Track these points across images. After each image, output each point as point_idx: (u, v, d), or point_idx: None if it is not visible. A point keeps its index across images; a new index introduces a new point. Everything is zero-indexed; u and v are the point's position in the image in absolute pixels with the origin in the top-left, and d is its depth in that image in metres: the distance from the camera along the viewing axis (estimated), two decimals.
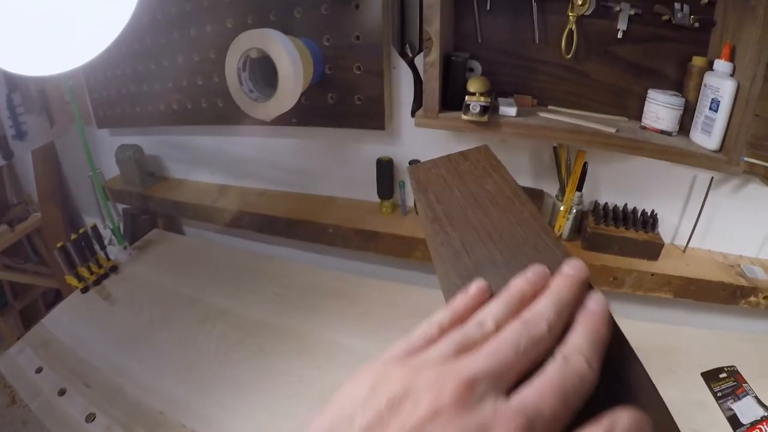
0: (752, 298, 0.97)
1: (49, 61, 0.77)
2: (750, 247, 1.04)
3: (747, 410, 0.81)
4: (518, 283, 0.32)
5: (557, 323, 0.29)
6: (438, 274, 0.38)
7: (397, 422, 0.24)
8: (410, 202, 1.22)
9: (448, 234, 0.39)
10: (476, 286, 0.33)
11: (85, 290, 1.18)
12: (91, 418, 0.87)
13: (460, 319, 0.31)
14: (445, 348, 0.28)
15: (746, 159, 0.83)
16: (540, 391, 0.25)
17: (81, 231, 1.19)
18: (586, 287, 0.31)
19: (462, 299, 0.32)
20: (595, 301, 0.30)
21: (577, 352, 0.27)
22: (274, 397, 0.89)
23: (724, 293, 0.98)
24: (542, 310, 0.29)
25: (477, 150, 0.48)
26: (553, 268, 0.33)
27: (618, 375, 0.28)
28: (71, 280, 1.17)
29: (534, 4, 0.90)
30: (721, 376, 0.87)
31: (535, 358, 0.27)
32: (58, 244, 1.14)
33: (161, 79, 1.32)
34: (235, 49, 0.99)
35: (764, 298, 0.96)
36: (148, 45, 1.28)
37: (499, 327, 0.29)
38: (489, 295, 0.33)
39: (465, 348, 0.28)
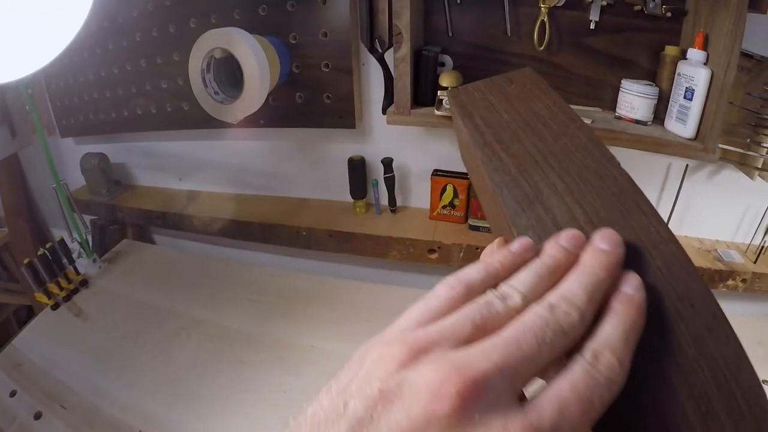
0: (730, 282, 0.98)
1: (3, 68, 0.73)
2: (725, 231, 1.05)
3: None
4: (553, 250, 0.27)
5: (589, 311, 0.24)
6: (489, 208, 0.35)
7: (387, 421, 0.21)
8: (384, 201, 1.20)
9: (501, 159, 0.35)
10: (520, 243, 0.28)
11: (55, 307, 1.14)
12: None
13: (493, 279, 0.27)
14: (461, 326, 0.24)
15: (720, 146, 0.83)
16: (562, 401, 0.21)
17: (48, 245, 1.14)
18: (620, 266, 0.27)
19: (501, 255, 0.28)
20: (631, 285, 0.25)
21: (609, 349, 0.23)
22: (255, 408, 0.87)
23: (703, 278, 0.98)
24: (575, 293, 0.25)
25: (522, 72, 0.44)
26: (619, 201, 0.30)
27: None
28: (41, 297, 1.13)
29: None
30: None
31: (561, 352, 0.23)
32: (25, 261, 1.10)
33: (124, 84, 1.28)
34: (199, 50, 0.96)
35: (742, 281, 0.97)
36: (110, 49, 1.24)
37: (527, 303, 0.25)
38: (532, 254, 0.28)
39: (483, 327, 0.24)
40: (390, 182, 1.15)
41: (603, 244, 0.27)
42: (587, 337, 0.24)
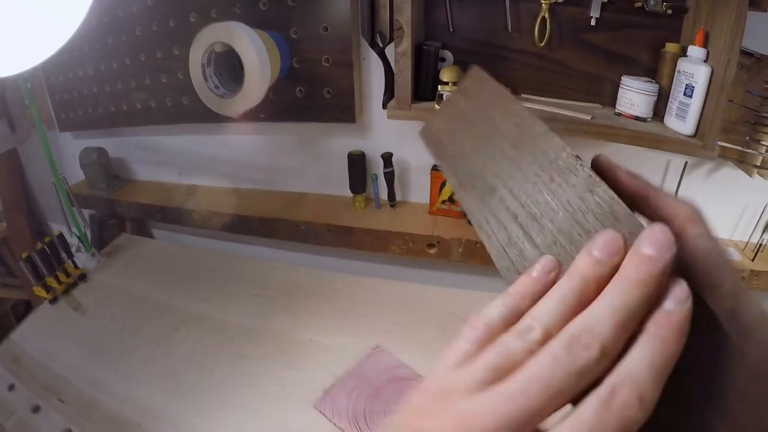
0: None
1: (2, 62, 0.73)
2: (724, 229, 1.05)
3: None
4: (582, 265, 0.24)
5: (616, 341, 0.21)
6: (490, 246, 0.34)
7: None
8: (383, 196, 1.20)
9: (473, 197, 0.36)
10: (541, 266, 0.26)
11: (54, 301, 1.14)
12: None
13: (514, 313, 0.25)
14: (480, 375, 0.23)
15: (719, 143, 0.83)
16: None
17: (47, 240, 1.14)
18: (668, 275, 0.22)
19: (521, 284, 0.26)
20: (675, 300, 0.21)
21: (631, 383, 0.20)
22: (254, 402, 0.87)
23: None
24: (600, 320, 0.21)
25: (472, 76, 0.42)
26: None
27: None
28: (39, 292, 1.13)
29: None
30: None
31: (578, 391, 0.21)
32: (24, 255, 1.10)
33: (124, 79, 1.27)
34: (199, 44, 0.95)
35: (740, 278, 0.97)
36: (110, 44, 1.23)
37: (549, 336, 0.22)
38: (556, 275, 0.26)
39: (501, 373, 0.22)
40: (390, 177, 1.15)
41: (648, 248, 0.22)
42: (613, 367, 0.21)
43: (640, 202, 0.30)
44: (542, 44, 0.89)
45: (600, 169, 0.31)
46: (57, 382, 0.94)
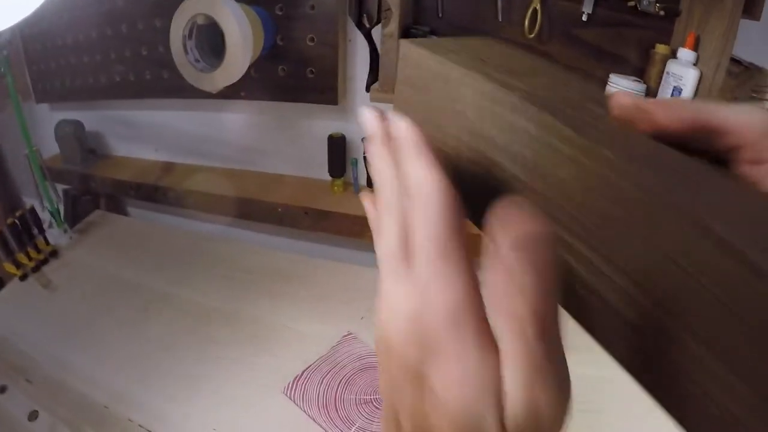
0: None
1: None
2: None
3: None
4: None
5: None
6: None
7: None
8: (363, 181, 1.19)
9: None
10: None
11: (23, 278, 1.11)
12: (33, 416, 0.83)
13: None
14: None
15: None
16: None
17: (18, 214, 1.11)
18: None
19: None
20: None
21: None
22: (225, 388, 0.86)
23: None
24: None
25: (410, 66, 0.36)
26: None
27: None
28: (9, 268, 1.10)
29: None
30: None
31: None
32: None
33: (104, 50, 1.24)
34: (181, 15, 0.93)
35: None
36: (90, 13, 1.20)
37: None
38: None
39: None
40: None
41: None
42: None
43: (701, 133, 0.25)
44: (531, 36, 0.88)
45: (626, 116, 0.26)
46: (24, 361, 0.93)
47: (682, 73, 0.77)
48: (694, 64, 0.77)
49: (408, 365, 0.23)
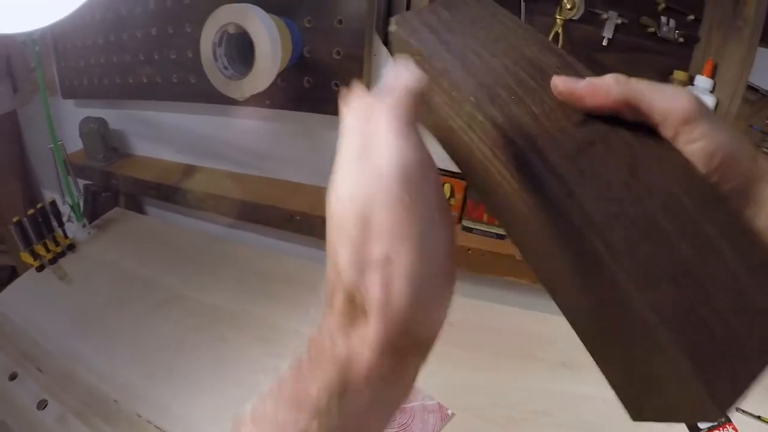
0: None
1: (15, 19, 0.72)
2: None
3: None
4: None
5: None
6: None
7: None
8: None
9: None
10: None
11: (40, 269, 1.13)
12: (43, 404, 0.84)
13: None
14: None
15: None
16: None
17: (38, 206, 1.13)
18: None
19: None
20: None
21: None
22: (233, 387, 0.86)
23: None
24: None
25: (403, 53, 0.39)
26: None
27: None
28: (26, 258, 1.12)
29: (523, 4, 0.89)
30: None
31: None
32: (14, 219, 1.09)
33: (132, 51, 1.26)
34: (213, 23, 0.95)
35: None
36: (122, 14, 1.23)
37: None
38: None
39: None
40: None
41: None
42: None
43: (631, 110, 0.30)
44: None
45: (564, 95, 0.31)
46: (37, 350, 0.94)
47: None
48: (711, 91, 0.78)
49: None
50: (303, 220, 1.19)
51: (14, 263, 1.61)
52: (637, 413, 0.28)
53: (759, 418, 0.83)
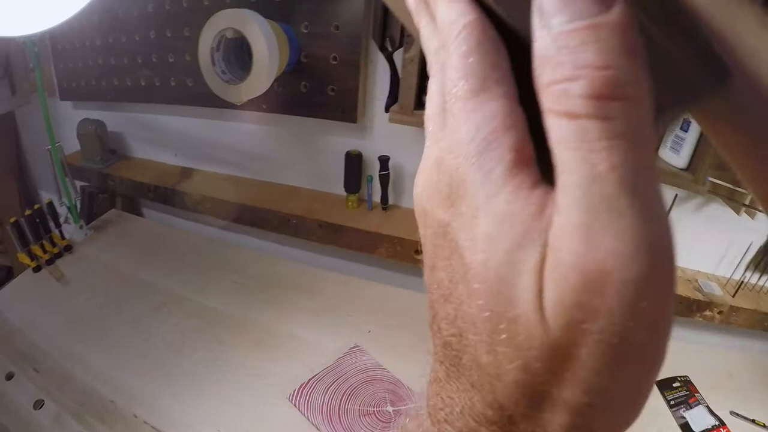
0: (707, 312, 1.00)
1: (15, 22, 0.73)
2: (708, 263, 1.07)
3: (699, 419, 0.84)
4: None
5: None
6: None
7: None
8: (376, 198, 1.21)
9: None
10: None
11: (37, 269, 1.14)
12: (39, 404, 0.84)
13: None
14: None
15: (710, 179, 0.85)
16: None
17: (36, 207, 1.14)
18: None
19: None
20: None
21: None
22: (230, 391, 0.87)
23: (681, 306, 1.00)
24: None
25: None
26: None
27: None
28: (23, 258, 1.12)
29: None
30: (674, 385, 0.90)
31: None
32: (11, 219, 1.09)
33: (131, 54, 1.27)
34: (211, 27, 0.96)
35: (719, 312, 0.99)
36: (121, 17, 1.23)
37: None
38: None
39: None
40: (384, 180, 1.16)
41: None
42: None
43: None
44: None
45: None
46: (33, 350, 0.94)
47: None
48: None
49: (437, 230, 0.19)
50: (300, 224, 1.20)
51: (11, 264, 1.61)
52: None
53: (753, 421, 0.84)
